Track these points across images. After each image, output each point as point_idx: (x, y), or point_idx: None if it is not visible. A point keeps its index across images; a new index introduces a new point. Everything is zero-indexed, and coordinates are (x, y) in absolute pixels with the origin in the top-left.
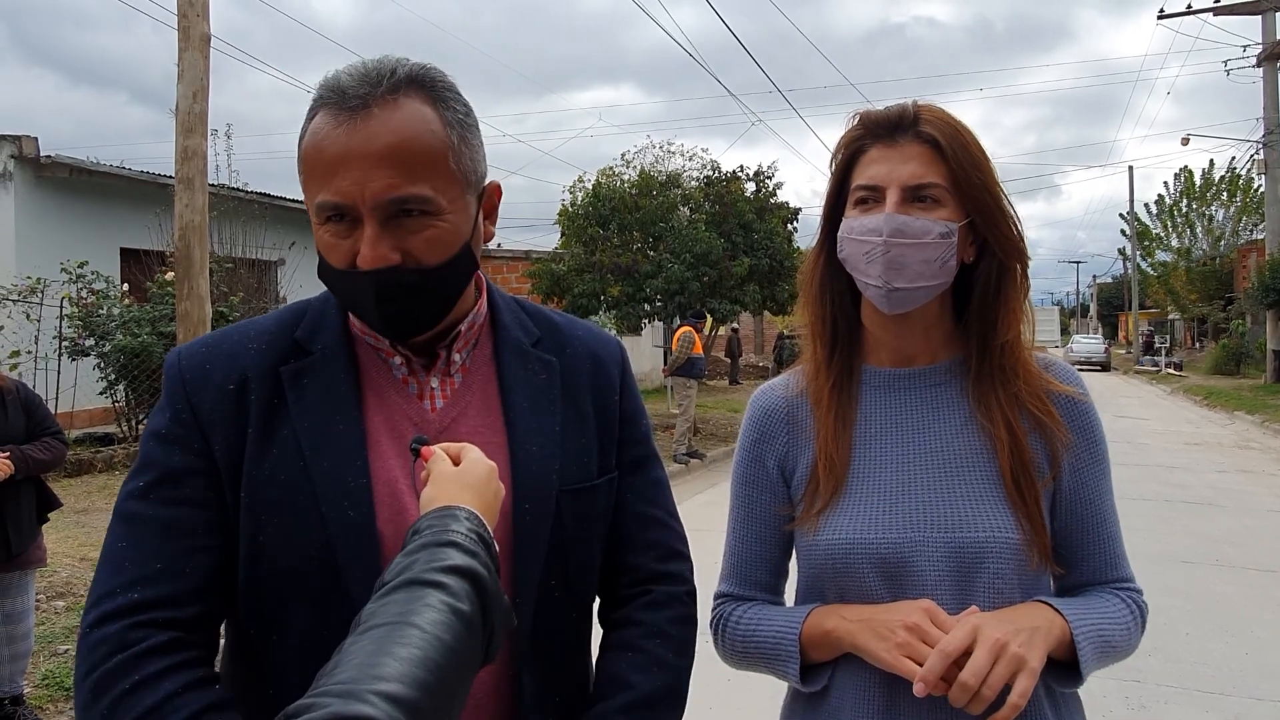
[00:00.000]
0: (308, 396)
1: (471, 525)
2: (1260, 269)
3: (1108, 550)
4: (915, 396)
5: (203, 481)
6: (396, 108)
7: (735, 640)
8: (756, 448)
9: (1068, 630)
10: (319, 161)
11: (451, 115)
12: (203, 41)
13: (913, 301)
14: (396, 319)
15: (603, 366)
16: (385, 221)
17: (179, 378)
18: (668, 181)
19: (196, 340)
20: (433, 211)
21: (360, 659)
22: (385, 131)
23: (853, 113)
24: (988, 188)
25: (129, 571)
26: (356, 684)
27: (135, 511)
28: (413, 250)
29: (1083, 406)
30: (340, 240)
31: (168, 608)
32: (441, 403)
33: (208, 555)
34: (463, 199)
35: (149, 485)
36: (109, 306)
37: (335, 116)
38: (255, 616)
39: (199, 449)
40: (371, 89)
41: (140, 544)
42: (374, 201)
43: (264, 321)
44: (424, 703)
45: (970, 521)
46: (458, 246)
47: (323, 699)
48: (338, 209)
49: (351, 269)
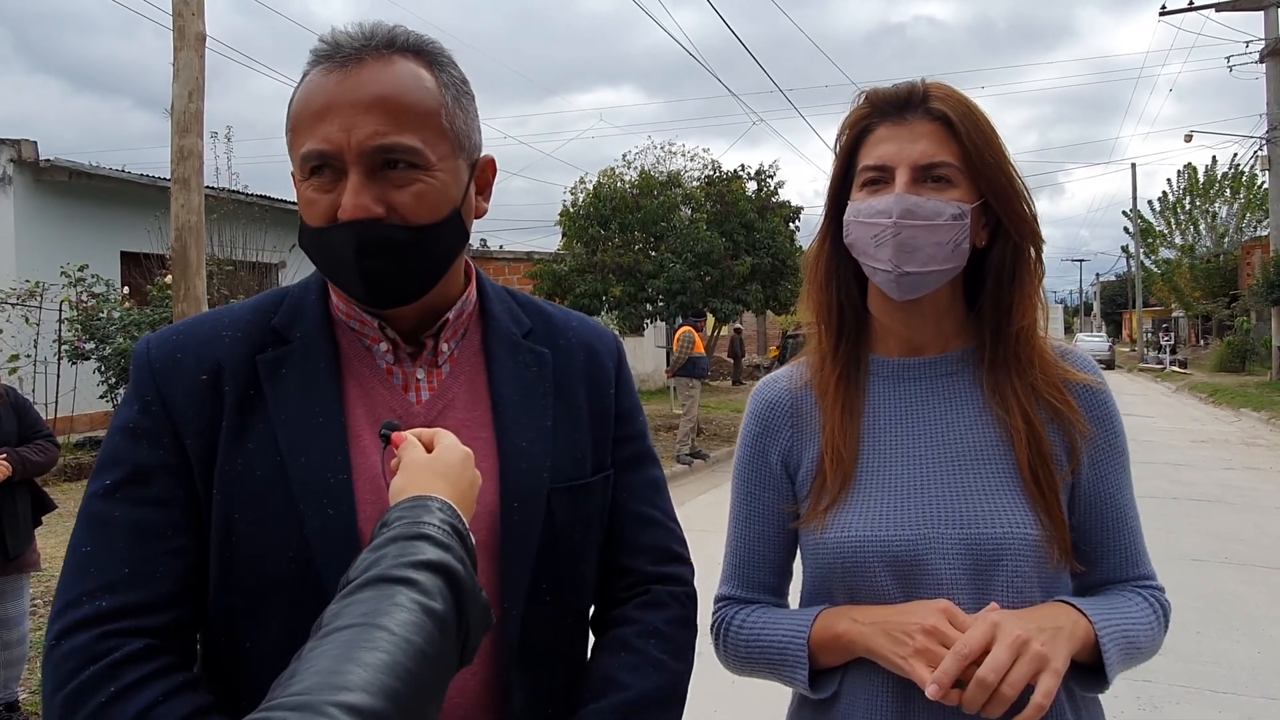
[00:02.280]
0: (285, 387)
1: (445, 516)
2: (1265, 265)
3: (1129, 547)
4: (926, 387)
5: (172, 479)
6: (391, 62)
7: (739, 645)
8: (759, 442)
9: (1092, 632)
10: (306, 111)
11: (446, 77)
12: (198, 40)
13: (924, 287)
14: (377, 280)
15: (598, 360)
16: (370, 172)
17: (148, 367)
18: (668, 181)
19: (168, 328)
20: (420, 165)
21: (321, 666)
22: (377, 81)
23: (858, 91)
24: (1001, 167)
25: (95, 577)
26: (315, 694)
27: (100, 512)
28: (397, 205)
29: (1101, 396)
30: (323, 195)
31: (138, 615)
32: (427, 394)
33: (180, 558)
34: (453, 159)
35: (115, 484)
36: (109, 310)
37: (327, 69)
38: (227, 621)
39: (168, 444)
40: (367, 42)
41: (106, 547)
42: (359, 148)
43: (240, 308)
44: (392, 712)
45: (987, 517)
46: (447, 209)
47: (277, 712)
48: (322, 157)
49: (331, 224)
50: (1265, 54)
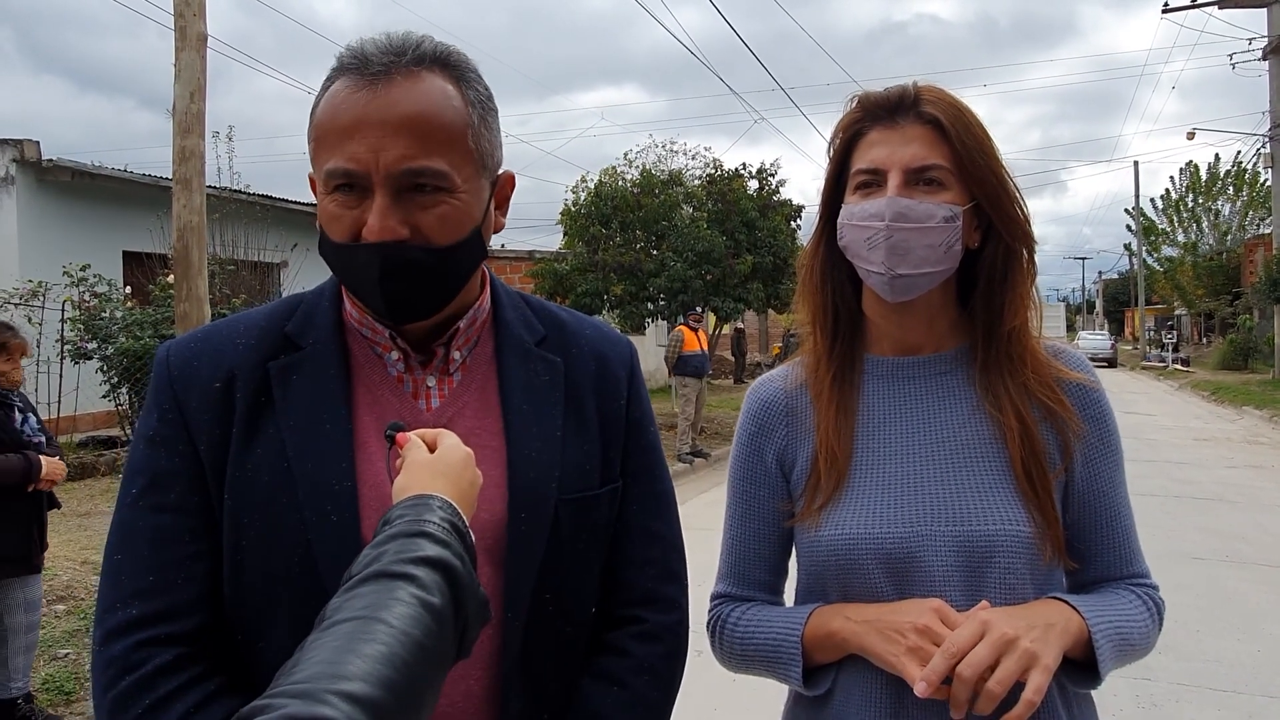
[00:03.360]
0: (295, 394)
1: (445, 514)
2: (1268, 263)
3: (1122, 545)
4: (920, 386)
5: (187, 485)
6: (419, 79)
7: (734, 643)
8: (755, 441)
9: (1085, 628)
10: (333, 126)
11: (474, 94)
12: (199, 41)
13: (917, 288)
14: (399, 299)
15: (609, 368)
16: (397, 194)
17: (166, 374)
18: (670, 180)
19: (187, 334)
20: (447, 188)
21: (322, 656)
22: (406, 100)
23: (851, 95)
24: (992, 169)
25: (126, 585)
26: (316, 683)
27: (127, 521)
28: (422, 227)
29: (1094, 394)
30: (347, 210)
31: (167, 622)
32: (438, 402)
33: (201, 562)
34: (477, 180)
35: (140, 492)
36: (111, 309)
37: (355, 83)
38: (240, 623)
39: (183, 450)
40: (395, 58)
41: (134, 555)
42: (387, 171)
43: (255, 315)
44: (390, 703)
45: (979, 514)
46: (468, 229)
47: (279, 699)
48: (349, 176)
49: (355, 242)
50: (1268, 51)
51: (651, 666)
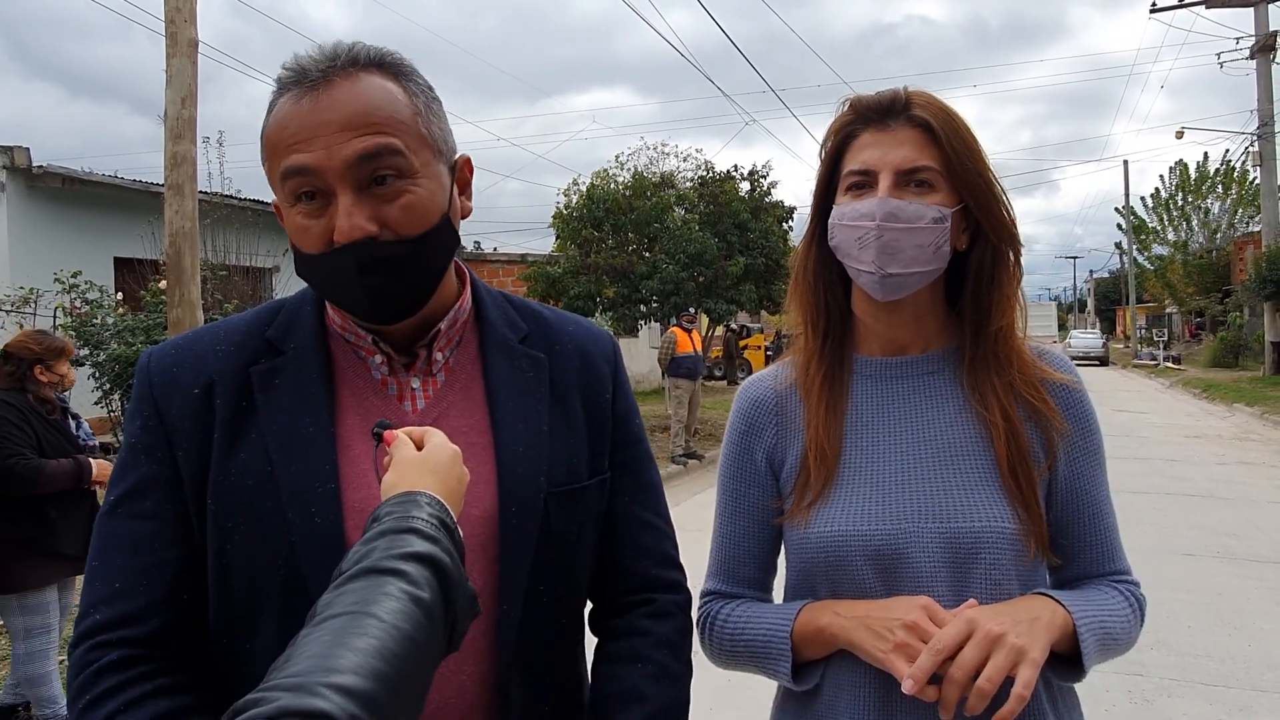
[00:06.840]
0: (278, 398)
1: (433, 511)
2: (1257, 261)
3: (1104, 543)
4: (908, 385)
5: (163, 492)
6: (357, 79)
7: (723, 639)
8: (744, 440)
9: (1070, 621)
10: (281, 137)
11: (414, 86)
12: (190, 47)
13: (906, 288)
14: (381, 295)
15: (593, 363)
16: (359, 191)
17: (147, 382)
18: (662, 182)
19: (169, 341)
20: (406, 173)
21: (314, 650)
22: (349, 97)
23: (843, 99)
24: (980, 173)
25: (95, 591)
26: (309, 676)
27: (105, 528)
28: (390, 221)
29: (1078, 395)
30: (314, 220)
31: (125, 626)
32: (423, 403)
33: (168, 567)
34: (434, 165)
35: (119, 499)
36: (103, 316)
37: (296, 93)
38: (227, 626)
39: (162, 457)
40: (331, 63)
41: (107, 562)
42: (344, 162)
43: (237, 321)
44: (381, 695)
45: (966, 511)
46: (437, 216)
47: (272, 693)
48: (304, 172)
49: (328, 249)
50: (1255, 50)
51: (669, 640)
